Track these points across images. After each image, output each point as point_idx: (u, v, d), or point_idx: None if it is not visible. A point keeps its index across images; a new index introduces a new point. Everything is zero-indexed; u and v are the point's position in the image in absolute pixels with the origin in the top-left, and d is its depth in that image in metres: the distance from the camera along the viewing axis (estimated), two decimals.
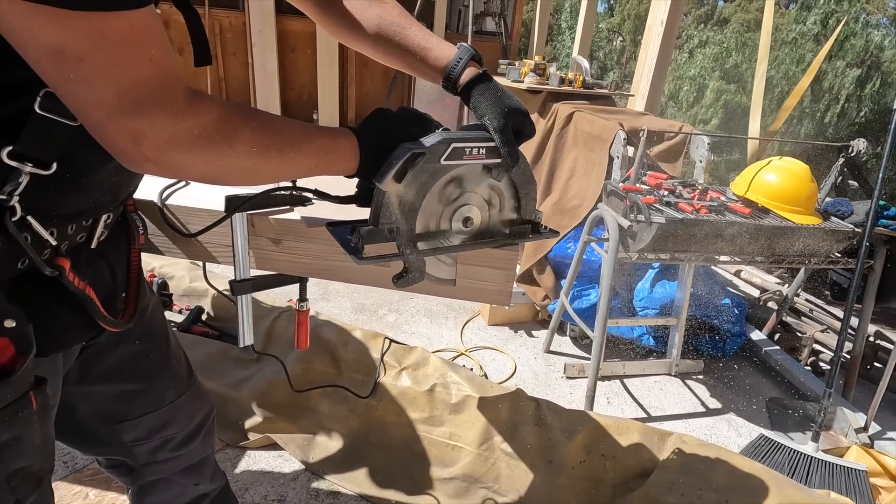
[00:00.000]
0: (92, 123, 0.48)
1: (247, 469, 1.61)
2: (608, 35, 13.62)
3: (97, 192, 0.62)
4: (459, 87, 0.73)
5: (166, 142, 0.50)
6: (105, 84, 0.46)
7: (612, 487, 1.50)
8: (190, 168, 0.54)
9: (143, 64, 0.47)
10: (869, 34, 5.72)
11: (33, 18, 0.41)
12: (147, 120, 0.48)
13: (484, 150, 0.69)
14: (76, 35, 0.43)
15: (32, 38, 0.43)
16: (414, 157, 0.64)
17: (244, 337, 0.95)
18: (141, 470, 0.92)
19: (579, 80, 3.03)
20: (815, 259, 2.00)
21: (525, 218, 0.79)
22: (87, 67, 0.44)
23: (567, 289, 2.32)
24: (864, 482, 1.73)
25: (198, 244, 0.89)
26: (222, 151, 0.54)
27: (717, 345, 2.55)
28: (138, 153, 0.50)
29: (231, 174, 0.57)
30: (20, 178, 0.51)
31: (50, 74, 0.45)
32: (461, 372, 1.73)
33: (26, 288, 0.56)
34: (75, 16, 0.42)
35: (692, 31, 9.07)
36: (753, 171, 2.01)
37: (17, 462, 0.57)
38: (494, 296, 0.88)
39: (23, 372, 0.53)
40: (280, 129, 0.58)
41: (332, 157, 0.63)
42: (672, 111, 6.63)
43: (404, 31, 0.76)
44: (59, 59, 0.44)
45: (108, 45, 0.44)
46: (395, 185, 0.65)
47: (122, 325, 0.71)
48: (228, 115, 0.54)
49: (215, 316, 2.14)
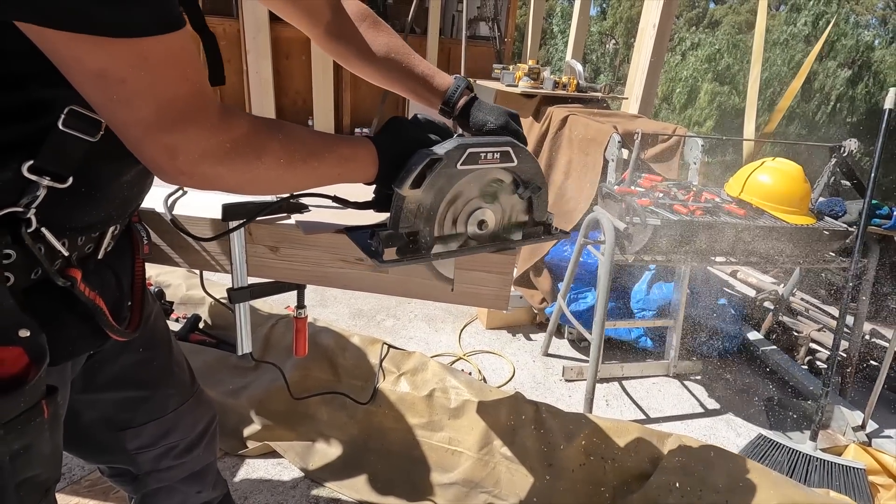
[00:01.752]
0: (131, 140, 0.51)
1: (246, 477, 1.60)
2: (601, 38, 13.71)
3: (108, 206, 0.64)
4: (457, 110, 0.81)
5: (200, 156, 0.53)
6: (144, 103, 0.48)
7: (613, 490, 1.50)
8: (222, 180, 0.57)
9: (179, 83, 0.50)
10: (859, 34, 5.78)
11: (79, 45, 0.44)
12: (183, 135, 0.51)
13: (498, 154, 0.72)
14: (118, 59, 0.45)
15: (77, 63, 0.45)
16: (432, 162, 0.66)
17: (242, 345, 0.95)
18: (144, 478, 0.92)
19: (573, 84, 3.05)
20: (809, 259, 2.02)
21: (537, 220, 0.82)
22: (129, 88, 0.47)
23: (564, 291, 2.32)
24: (863, 480, 1.73)
25: (196, 252, 0.89)
26: (252, 164, 0.57)
27: (715, 345, 2.56)
28: (174, 167, 0.53)
29: (260, 184, 0.60)
30: (38, 192, 0.53)
31: (93, 96, 0.48)
32: (460, 376, 1.73)
33: (38, 298, 0.58)
34: (118, 42, 0.44)
35: (684, 33, 9.14)
36: (747, 172, 2.03)
37: (26, 471, 0.57)
38: (492, 300, 0.88)
39: (36, 381, 0.54)
40: (304, 141, 0.62)
41: (353, 166, 0.67)
42: (666, 113, 6.67)
43: (410, 60, 0.83)
44: (102, 82, 0.46)
45: (148, 67, 0.47)
46: (413, 190, 0.67)
47: (129, 335, 0.72)
48: (257, 128, 0.57)
49: (213, 324, 2.13)
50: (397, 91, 0.86)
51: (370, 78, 0.87)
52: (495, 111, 0.79)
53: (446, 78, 0.83)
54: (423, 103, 0.85)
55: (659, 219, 1.73)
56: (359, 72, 0.87)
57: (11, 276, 0.54)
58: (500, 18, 5.46)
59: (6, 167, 0.51)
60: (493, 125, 0.78)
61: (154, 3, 0.45)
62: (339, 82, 5.07)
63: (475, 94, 0.83)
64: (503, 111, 0.79)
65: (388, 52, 0.83)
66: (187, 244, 0.88)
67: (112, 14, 0.43)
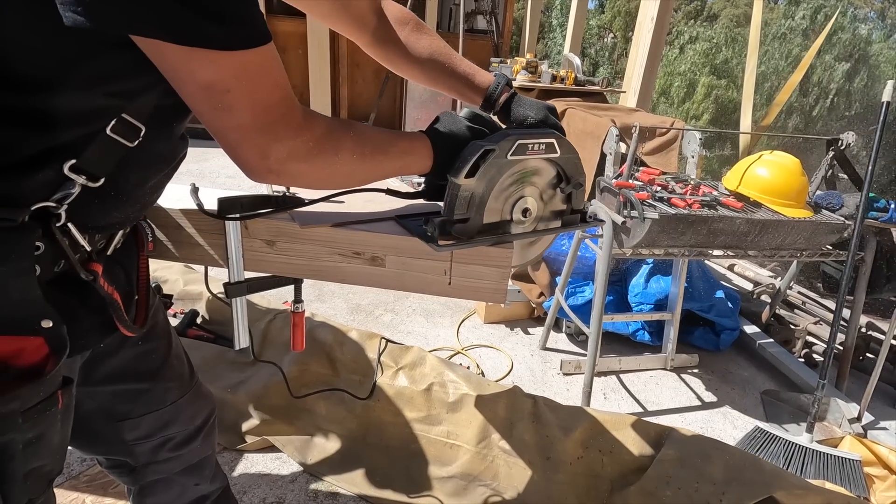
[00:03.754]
0: (229, 143, 0.58)
1: (245, 472, 1.61)
2: (599, 32, 13.68)
3: (129, 209, 0.67)
4: (498, 106, 0.86)
5: (288, 155, 0.59)
6: (243, 110, 0.55)
7: (610, 482, 1.51)
8: (304, 177, 0.63)
9: (272, 90, 0.56)
10: (856, 28, 5.77)
11: (194, 60, 0.50)
12: (274, 137, 0.57)
13: (543, 146, 0.77)
14: (225, 71, 0.52)
15: (190, 76, 0.52)
16: (485, 153, 0.71)
17: (240, 339, 0.95)
18: (142, 470, 0.92)
19: (571, 78, 3.04)
20: (806, 252, 2.02)
21: (575, 208, 0.87)
22: (231, 97, 0.53)
23: (562, 285, 2.32)
24: (859, 472, 1.74)
25: (192, 247, 0.88)
26: (330, 160, 0.63)
27: (712, 339, 2.56)
28: (265, 166, 0.59)
29: (336, 179, 0.67)
30: (72, 189, 0.56)
31: (200, 104, 0.54)
32: (458, 370, 1.73)
33: (55, 291, 0.59)
34: (225, 55, 0.51)
35: (682, 26, 9.11)
36: (745, 165, 2.02)
37: (35, 461, 0.58)
38: (490, 293, 0.88)
39: (55, 371, 0.56)
40: (370, 137, 0.67)
41: (411, 159, 0.72)
42: (664, 107, 6.66)
43: (453, 60, 0.88)
44: (210, 92, 0.53)
45: (248, 77, 0.53)
46: (468, 179, 0.72)
47: (138, 330, 0.74)
48: (333, 127, 0.63)
49: (210, 319, 2.13)
50: (441, 90, 0.90)
51: (414, 78, 0.91)
52: (535, 106, 0.83)
53: (487, 76, 0.88)
54: (465, 101, 0.89)
55: (657, 212, 1.73)
56: (403, 73, 0.91)
57: (38, 267, 0.56)
58: (498, 12, 5.44)
59: (52, 166, 0.55)
60: (534, 119, 0.83)
61: (251, 20, 0.52)
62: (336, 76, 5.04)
63: (515, 90, 0.87)
64: (542, 106, 0.84)
65: (432, 54, 0.88)
66: (184, 238, 0.88)
67: (221, 31, 0.49)
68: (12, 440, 0.54)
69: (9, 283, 0.53)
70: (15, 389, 0.52)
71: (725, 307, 2.55)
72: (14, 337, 0.54)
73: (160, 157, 0.67)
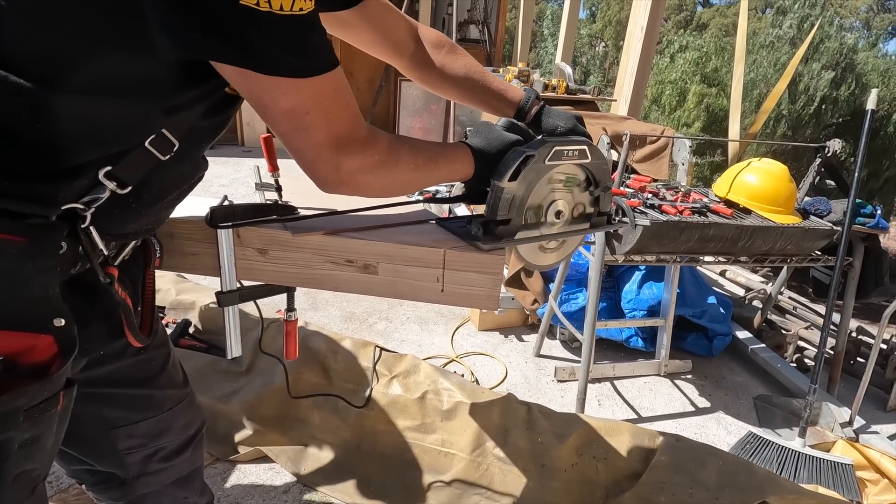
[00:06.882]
0: (306, 160, 0.63)
1: (238, 483, 1.59)
2: (590, 41, 13.82)
3: (144, 220, 0.70)
4: (530, 118, 0.91)
5: (357, 168, 0.65)
6: (319, 130, 0.60)
7: (605, 489, 1.51)
8: (370, 187, 0.69)
9: (343, 109, 0.61)
10: (842, 37, 5.87)
11: (277, 88, 0.55)
12: (345, 153, 0.63)
13: (577, 152, 0.83)
14: (304, 96, 0.57)
15: (274, 102, 0.57)
16: (526, 158, 0.77)
17: (232, 349, 0.95)
18: (132, 483, 0.91)
19: (563, 86, 3.07)
20: (796, 257, 2.04)
21: (602, 210, 0.93)
22: (310, 119, 0.59)
23: (555, 292, 2.33)
24: (851, 476, 1.75)
25: (184, 256, 0.88)
26: (391, 171, 0.69)
27: (705, 344, 2.58)
28: (338, 179, 0.65)
29: (395, 187, 0.72)
30: (102, 194, 0.59)
31: (282, 126, 0.59)
32: (452, 378, 1.73)
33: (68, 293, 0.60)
34: (304, 82, 0.56)
35: (672, 35, 9.23)
36: (734, 172, 2.05)
37: (26, 464, 0.58)
38: (482, 300, 0.89)
39: (61, 372, 0.56)
40: (422, 149, 0.73)
41: (456, 167, 0.78)
42: (655, 115, 6.73)
43: (486, 78, 0.94)
44: (291, 116, 0.58)
45: (323, 100, 0.58)
46: (510, 183, 0.78)
47: (145, 340, 0.75)
48: (391, 141, 0.69)
49: (203, 329, 2.11)
50: (476, 106, 0.97)
51: (451, 96, 0.97)
52: (564, 116, 0.89)
53: (518, 90, 0.94)
54: (498, 115, 0.95)
55: (648, 219, 1.74)
56: (441, 92, 0.97)
57: (59, 266, 0.58)
58: (490, 21, 5.49)
59: (90, 172, 0.57)
60: (564, 128, 0.88)
61: (323, 49, 0.57)
62: None
63: (544, 102, 0.93)
64: (571, 116, 0.89)
65: (467, 74, 0.93)
66: (174, 248, 0.88)
67: (300, 60, 0.55)
68: (11, 439, 0.53)
69: (34, 279, 0.54)
70: (22, 387, 0.52)
71: (718, 313, 2.57)
72: (27, 333, 0.54)
73: (183, 174, 0.70)
